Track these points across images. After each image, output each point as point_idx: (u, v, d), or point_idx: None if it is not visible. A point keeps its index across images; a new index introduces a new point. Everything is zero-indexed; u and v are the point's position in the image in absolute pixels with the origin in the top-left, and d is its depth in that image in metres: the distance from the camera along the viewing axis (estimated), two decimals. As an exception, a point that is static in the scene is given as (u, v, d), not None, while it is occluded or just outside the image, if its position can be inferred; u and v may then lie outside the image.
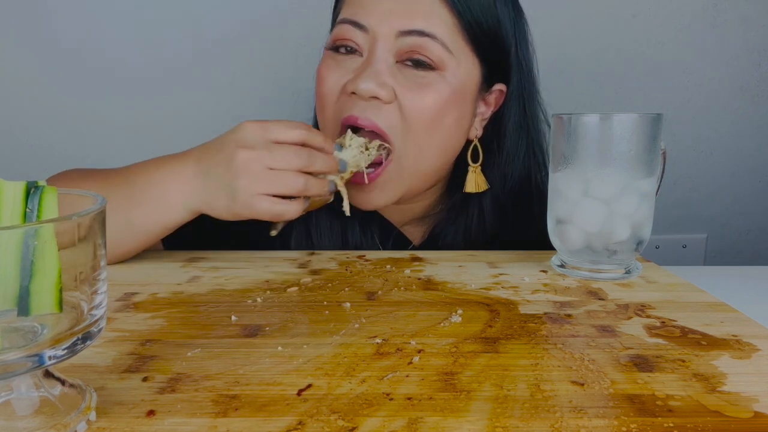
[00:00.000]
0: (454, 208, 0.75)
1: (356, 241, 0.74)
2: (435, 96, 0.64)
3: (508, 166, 0.73)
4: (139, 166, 0.62)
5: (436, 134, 0.66)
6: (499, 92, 0.71)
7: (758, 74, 1.23)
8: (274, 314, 0.47)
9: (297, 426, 0.31)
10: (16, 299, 0.27)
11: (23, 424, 0.29)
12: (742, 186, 1.29)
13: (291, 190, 0.56)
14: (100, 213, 0.29)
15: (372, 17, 0.64)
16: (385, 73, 0.63)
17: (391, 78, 0.64)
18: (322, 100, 0.68)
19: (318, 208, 0.65)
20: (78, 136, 1.19)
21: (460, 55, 0.65)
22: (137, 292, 0.53)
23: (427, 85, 0.64)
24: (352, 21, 0.65)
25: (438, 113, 0.64)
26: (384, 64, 0.64)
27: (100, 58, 1.15)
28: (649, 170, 0.56)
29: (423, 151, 0.66)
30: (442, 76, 0.64)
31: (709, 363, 0.38)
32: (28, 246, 0.26)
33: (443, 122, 0.65)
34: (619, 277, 0.57)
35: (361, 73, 0.63)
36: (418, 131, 0.64)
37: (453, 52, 0.64)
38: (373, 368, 0.37)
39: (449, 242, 0.74)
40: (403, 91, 0.64)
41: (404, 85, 0.64)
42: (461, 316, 0.46)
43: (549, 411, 0.32)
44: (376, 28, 0.64)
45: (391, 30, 0.63)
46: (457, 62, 0.65)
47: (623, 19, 1.19)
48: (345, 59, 0.66)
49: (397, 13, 0.63)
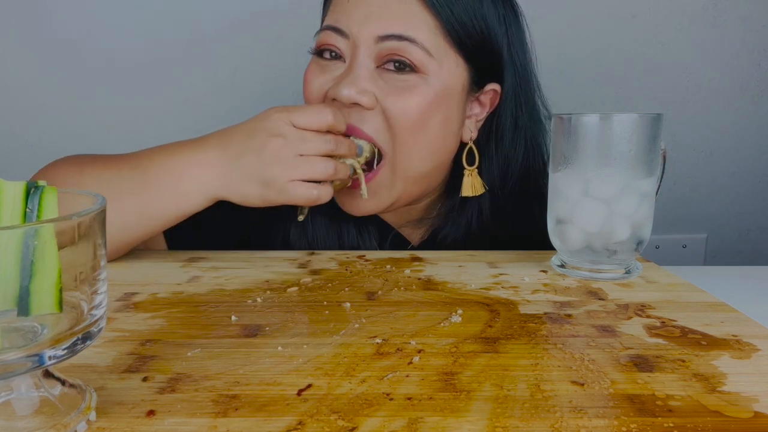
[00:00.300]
0: (453, 211, 0.74)
1: (353, 243, 0.74)
2: (418, 99, 0.63)
3: (507, 167, 0.72)
4: (152, 152, 0.61)
5: (423, 137, 0.65)
6: (493, 92, 0.70)
7: (758, 74, 1.23)
8: (274, 314, 0.47)
9: (297, 426, 0.31)
10: (16, 299, 0.27)
11: (23, 424, 0.29)
12: (742, 186, 1.29)
13: (323, 174, 0.58)
14: (100, 213, 0.29)
15: (352, 23, 0.64)
16: (366, 78, 0.63)
17: (372, 83, 0.63)
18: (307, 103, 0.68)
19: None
20: (78, 135, 1.19)
21: (443, 58, 0.64)
22: (137, 292, 0.53)
23: (408, 88, 0.63)
24: (333, 27, 0.65)
25: (422, 116, 0.64)
26: (365, 70, 0.64)
27: (100, 59, 1.15)
28: (649, 170, 0.56)
29: (411, 154, 0.65)
30: (424, 78, 0.64)
31: (709, 363, 0.38)
32: (28, 246, 0.26)
33: (429, 125, 0.65)
34: (619, 277, 0.57)
35: (342, 79, 0.63)
36: (403, 135, 0.64)
37: (434, 55, 0.63)
38: (373, 368, 0.37)
39: (448, 244, 0.74)
40: (385, 96, 0.63)
41: (386, 89, 0.64)
42: (461, 316, 0.46)
43: (549, 411, 0.32)
44: (356, 33, 0.64)
45: (370, 35, 0.63)
46: (439, 64, 0.64)
47: (623, 19, 1.19)
48: (329, 64, 0.67)
49: (375, 18, 0.63)
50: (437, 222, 0.76)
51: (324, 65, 0.67)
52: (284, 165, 0.57)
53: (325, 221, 0.73)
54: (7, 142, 1.18)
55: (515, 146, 0.72)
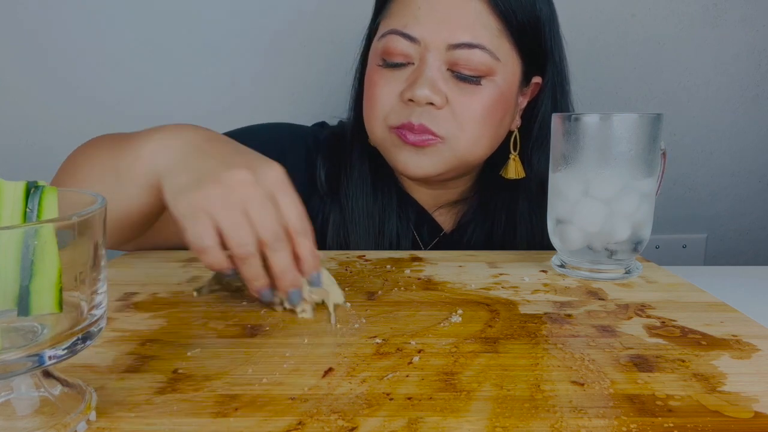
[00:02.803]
0: (485, 194, 0.79)
1: (392, 229, 0.77)
2: (485, 100, 0.67)
3: (537, 156, 0.75)
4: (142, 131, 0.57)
5: (486, 131, 0.69)
6: (535, 84, 0.74)
7: (758, 74, 1.23)
8: (274, 314, 0.47)
9: (297, 426, 0.31)
10: (16, 299, 0.27)
11: (23, 424, 0.29)
12: (742, 186, 1.29)
13: (237, 238, 0.44)
14: (101, 213, 0.29)
15: (423, 29, 0.66)
16: (438, 80, 0.66)
17: (444, 84, 0.67)
18: (375, 107, 0.70)
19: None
20: (78, 136, 1.18)
21: (507, 58, 0.68)
22: (137, 292, 0.53)
23: (477, 91, 0.67)
24: (402, 33, 0.67)
25: (487, 114, 0.68)
26: (437, 72, 0.66)
27: (100, 59, 1.15)
28: (649, 170, 0.56)
29: (472, 144, 0.69)
30: (491, 80, 0.67)
31: (709, 363, 0.38)
32: (28, 246, 0.26)
33: (491, 121, 0.69)
34: (619, 277, 0.57)
35: (416, 80, 0.66)
36: (469, 131, 0.68)
37: (500, 58, 0.67)
38: (373, 368, 0.37)
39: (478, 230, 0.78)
40: (455, 96, 0.67)
41: (455, 90, 0.67)
42: (461, 316, 0.46)
43: (549, 411, 0.32)
44: (427, 39, 0.66)
45: (441, 42, 0.66)
46: (504, 66, 0.68)
47: (623, 19, 1.19)
48: (395, 70, 0.69)
49: (446, 25, 0.65)
50: (469, 206, 0.80)
51: (391, 72, 0.69)
52: (220, 200, 0.45)
53: (366, 207, 0.76)
54: (7, 142, 1.18)
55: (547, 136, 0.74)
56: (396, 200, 0.77)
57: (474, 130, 0.68)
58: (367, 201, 0.76)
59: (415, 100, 0.66)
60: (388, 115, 0.69)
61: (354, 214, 0.76)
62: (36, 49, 1.14)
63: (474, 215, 0.79)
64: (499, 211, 0.78)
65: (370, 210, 0.76)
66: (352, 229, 0.76)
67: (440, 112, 0.67)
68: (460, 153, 0.69)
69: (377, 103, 0.70)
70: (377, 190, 0.77)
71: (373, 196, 0.77)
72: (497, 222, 0.78)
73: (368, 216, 0.76)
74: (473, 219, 0.79)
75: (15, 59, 1.15)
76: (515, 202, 0.77)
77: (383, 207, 0.77)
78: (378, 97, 0.70)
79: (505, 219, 0.77)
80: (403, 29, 0.67)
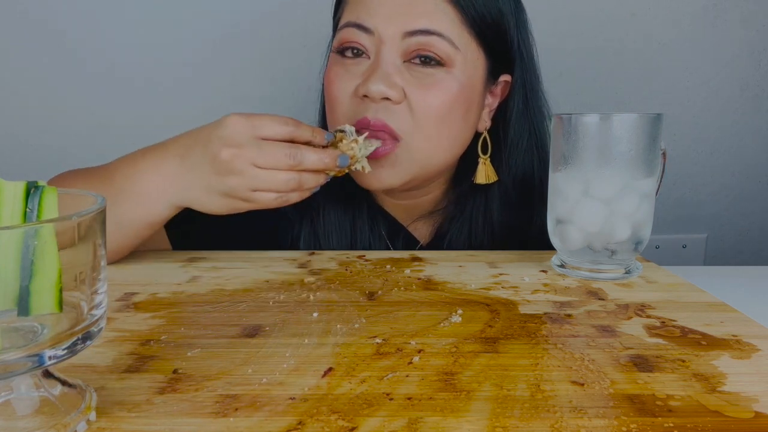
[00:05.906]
0: (460, 202, 0.75)
1: (364, 241, 0.75)
2: (444, 93, 0.65)
3: (512, 158, 0.73)
4: (119, 162, 0.61)
5: (445, 129, 0.66)
6: (504, 83, 0.72)
7: (758, 74, 1.23)
8: (274, 314, 0.47)
9: (297, 426, 0.31)
10: (16, 299, 0.27)
11: (23, 424, 0.29)
12: (742, 186, 1.29)
13: (284, 187, 0.56)
14: (100, 213, 0.29)
15: (377, 19, 0.64)
16: (394, 73, 0.64)
17: (400, 78, 0.64)
18: (333, 105, 0.68)
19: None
20: (78, 136, 1.19)
21: (467, 50, 0.65)
22: (137, 292, 0.53)
23: (435, 83, 0.64)
24: (356, 24, 0.65)
25: (447, 109, 0.65)
26: (392, 66, 0.64)
27: (100, 59, 1.15)
28: (649, 170, 0.56)
29: (432, 145, 0.66)
30: (450, 72, 0.65)
31: (709, 363, 0.38)
32: (28, 246, 0.26)
33: (452, 117, 0.66)
34: (619, 277, 0.57)
35: (371, 75, 0.64)
36: (427, 128, 0.65)
37: (459, 47, 0.64)
38: (373, 368, 0.37)
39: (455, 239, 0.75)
40: (412, 90, 0.64)
41: (412, 83, 0.64)
42: (461, 316, 0.46)
43: (549, 411, 0.32)
44: (381, 30, 0.64)
45: (396, 31, 0.63)
46: (464, 57, 0.65)
47: (623, 19, 1.19)
48: (352, 63, 0.67)
49: (401, 14, 0.63)
50: (445, 216, 0.77)
51: (348, 64, 0.67)
52: (241, 176, 0.55)
53: (337, 220, 0.74)
54: (7, 142, 1.18)
55: (520, 136, 0.73)
56: (366, 211, 0.75)
57: (432, 127, 0.65)
58: (337, 213, 0.74)
59: (370, 96, 0.63)
60: (346, 113, 0.67)
61: (326, 227, 0.74)
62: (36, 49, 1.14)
63: (450, 225, 0.76)
64: (475, 218, 0.74)
65: (341, 221, 0.74)
66: (324, 242, 0.74)
67: (398, 107, 0.64)
68: (419, 156, 0.66)
69: (335, 100, 0.67)
70: (347, 201, 0.74)
71: (343, 208, 0.74)
72: (474, 228, 0.75)
73: (339, 228, 0.74)
74: (449, 229, 0.75)
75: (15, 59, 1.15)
76: (491, 207, 0.74)
77: (354, 219, 0.75)
78: (335, 94, 0.67)
79: (482, 224, 0.75)
80: (356, 20, 0.65)
